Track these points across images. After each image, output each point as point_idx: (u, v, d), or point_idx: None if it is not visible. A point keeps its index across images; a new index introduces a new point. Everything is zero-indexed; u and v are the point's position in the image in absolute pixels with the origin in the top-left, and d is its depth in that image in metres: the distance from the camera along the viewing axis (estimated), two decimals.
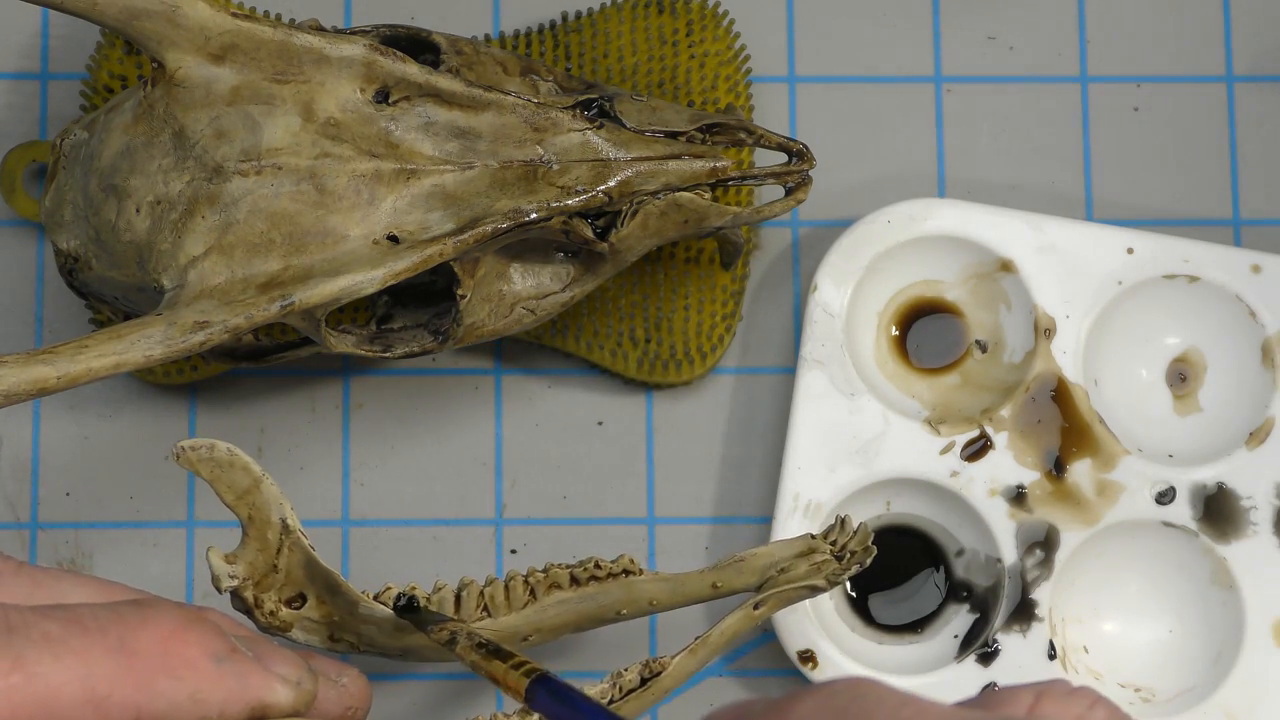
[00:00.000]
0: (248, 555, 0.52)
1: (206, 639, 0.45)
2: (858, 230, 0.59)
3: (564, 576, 0.53)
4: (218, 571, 0.51)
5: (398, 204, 0.53)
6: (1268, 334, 0.60)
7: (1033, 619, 0.58)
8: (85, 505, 0.60)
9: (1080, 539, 0.59)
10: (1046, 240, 0.59)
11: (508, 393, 0.61)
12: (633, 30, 0.61)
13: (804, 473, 0.59)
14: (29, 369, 0.49)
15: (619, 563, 0.53)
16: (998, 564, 0.58)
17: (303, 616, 0.53)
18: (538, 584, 0.53)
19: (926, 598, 0.60)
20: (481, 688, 0.59)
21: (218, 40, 0.53)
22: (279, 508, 0.51)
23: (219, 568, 0.51)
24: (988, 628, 0.58)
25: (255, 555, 0.52)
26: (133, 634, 0.44)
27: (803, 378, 0.59)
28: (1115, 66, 0.63)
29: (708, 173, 0.54)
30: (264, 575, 0.52)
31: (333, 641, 0.53)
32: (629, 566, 0.53)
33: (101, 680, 0.43)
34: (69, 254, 0.55)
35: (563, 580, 0.53)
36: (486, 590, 0.53)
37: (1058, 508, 0.59)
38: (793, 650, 0.58)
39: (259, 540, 0.52)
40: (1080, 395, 0.59)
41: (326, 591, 0.52)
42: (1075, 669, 0.58)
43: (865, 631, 0.59)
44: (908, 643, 0.59)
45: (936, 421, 0.59)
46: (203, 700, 0.44)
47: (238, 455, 0.51)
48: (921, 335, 0.61)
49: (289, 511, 0.52)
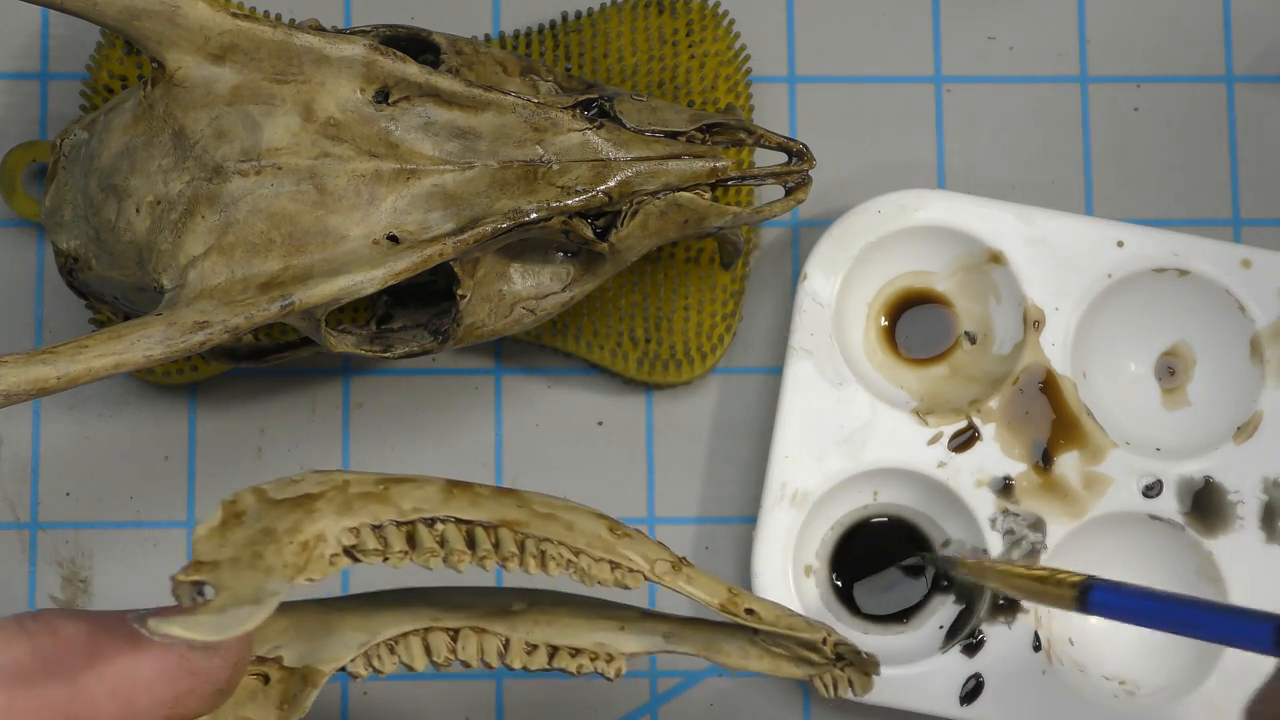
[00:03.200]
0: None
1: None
2: (848, 220, 0.60)
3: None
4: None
5: (398, 204, 0.53)
6: (1257, 329, 0.60)
7: (1018, 611, 0.58)
8: (85, 505, 0.60)
9: (1067, 531, 0.59)
10: (1036, 232, 0.60)
11: (508, 393, 0.61)
12: (633, 30, 0.61)
13: (791, 462, 0.59)
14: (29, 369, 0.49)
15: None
16: (984, 555, 0.59)
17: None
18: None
19: (912, 588, 0.60)
20: (481, 688, 0.59)
21: (218, 40, 0.53)
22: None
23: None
24: (973, 619, 0.58)
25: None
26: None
27: (791, 367, 0.59)
28: (1115, 66, 0.63)
29: (708, 173, 0.54)
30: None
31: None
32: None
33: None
34: (69, 254, 0.55)
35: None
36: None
37: (1045, 499, 0.59)
38: None
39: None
40: (1069, 387, 0.59)
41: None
42: (1060, 661, 0.58)
43: (851, 621, 0.59)
44: (893, 633, 0.59)
45: (924, 412, 0.59)
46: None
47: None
48: (911, 326, 0.61)
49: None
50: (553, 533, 0.49)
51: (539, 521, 0.49)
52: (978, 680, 0.58)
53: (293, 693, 0.49)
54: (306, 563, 0.46)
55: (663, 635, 0.51)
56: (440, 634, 0.50)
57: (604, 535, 0.49)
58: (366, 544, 0.47)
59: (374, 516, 0.47)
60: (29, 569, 0.60)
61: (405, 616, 0.50)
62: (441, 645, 0.50)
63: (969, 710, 0.58)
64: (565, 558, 0.49)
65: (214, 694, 0.45)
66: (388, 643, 0.50)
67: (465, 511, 0.48)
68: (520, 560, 0.49)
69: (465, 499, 0.49)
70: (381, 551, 0.47)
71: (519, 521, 0.49)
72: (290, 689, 0.49)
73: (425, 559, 0.48)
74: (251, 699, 0.49)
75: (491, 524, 0.48)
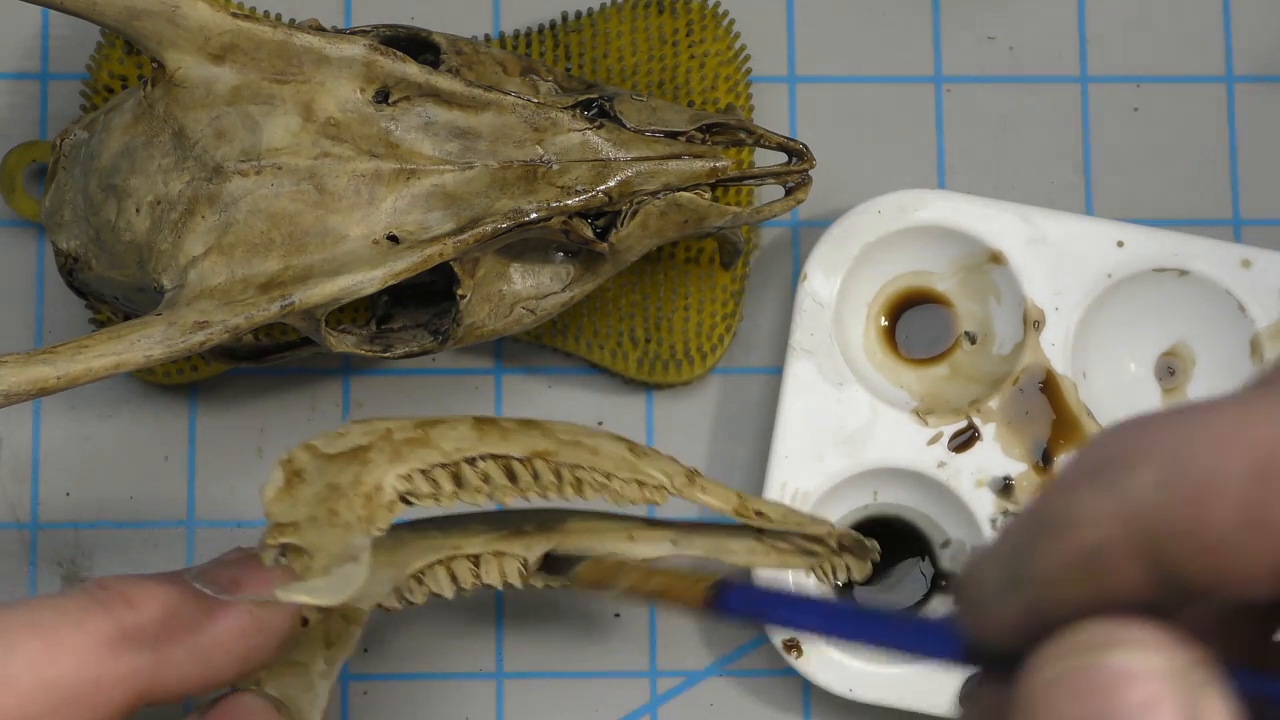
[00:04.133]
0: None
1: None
2: (848, 220, 0.60)
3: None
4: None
5: (398, 204, 0.53)
6: (1257, 329, 0.60)
7: None
8: (85, 505, 0.60)
9: None
10: (1037, 232, 0.60)
11: (508, 393, 0.61)
12: (633, 30, 0.61)
13: (791, 462, 0.59)
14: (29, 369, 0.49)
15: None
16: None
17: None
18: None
19: (912, 588, 0.60)
20: (481, 687, 0.59)
21: (218, 40, 0.53)
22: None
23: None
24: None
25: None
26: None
27: (791, 367, 0.59)
28: (1115, 66, 0.63)
29: (708, 173, 0.54)
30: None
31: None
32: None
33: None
34: (69, 254, 0.55)
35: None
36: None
37: None
38: (778, 639, 0.58)
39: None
40: (1069, 387, 0.59)
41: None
42: None
43: None
44: None
45: (924, 412, 0.59)
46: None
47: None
48: (911, 326, 0.61)
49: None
50: (582, 459, 0.51)
51: (567, 450, 0.51)
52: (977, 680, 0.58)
53: (336, 632, 0.51)
54: (372, 514, 0.48)
55: (670, 541, 0.53)
56: (463, 561, 0.52)
57: (627, 456, 0.51)
58: (420, 489, 0.49)
59: (422, 461, 0.49)
60: (29, 569, 0.60)
61: (427, 549, 0.52)
62: (466, 572, 0.52)
63: None
64: (599, 482, 0.51)
65: (278, 645, 0.48)
66: (415, 575, 0.51)
67: (498, 447, 0.50)
68: (559, 489, 0.51)
69: (495, 434, 0.50)
70: (434, 494, 0.49)
71: (549, 451, 0.50)
72: (332, 629, 0.51)
73: (473, 497, 0.50)
74: (295, 643, 0.50)
75: (525, 457, 0.50)
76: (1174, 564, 0.34)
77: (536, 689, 0.60)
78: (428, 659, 0.60)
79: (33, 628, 0.45)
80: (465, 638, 0.60)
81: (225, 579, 0.47)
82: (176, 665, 0.46)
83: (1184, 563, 0.34)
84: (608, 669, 0.60)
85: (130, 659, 0.46)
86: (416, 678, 0.59)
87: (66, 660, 0.45)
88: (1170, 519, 0.34)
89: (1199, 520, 0.34)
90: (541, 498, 0.50)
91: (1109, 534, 0.34)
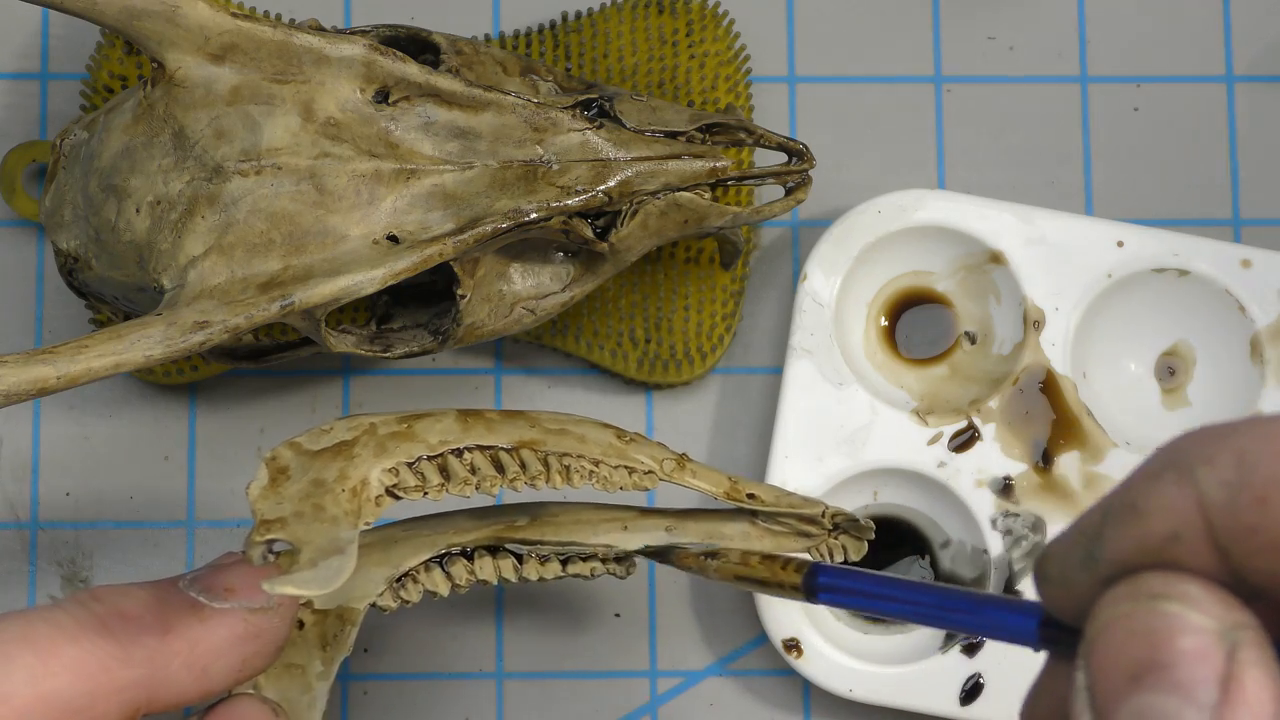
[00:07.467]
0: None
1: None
2: (848, 220, 0.60)
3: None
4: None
5: (398, 204, 0.53)
6: (1257, 329, 0.60)
7: None
8: (85, 505, 0.60)
9: None
10: (1036, 232, 0.60)
11: (508, 393, 0.61)
12: (633, 30, 0.61)
13: (791, 462, 0.59)
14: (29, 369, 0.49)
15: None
16: (984, 555, 0.59)
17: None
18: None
19: None
20: (481, 688, 0.59)
21: (218, 40, 0.53)
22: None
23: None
24: None
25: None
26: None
27: (791, 367, 0.59)
28: (1115, 66, 0.63)
29: (708, 173, 0.54)
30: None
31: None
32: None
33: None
34: (69, 254, 0.55)
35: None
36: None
37: (1045, 500, 0.59)
38: (778, 639, 0.58)
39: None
40: (1068, 387, 0.59)
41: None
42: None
43: (850, 621, 0.59)
44: (892, 633, 0.59)
45: (924, 412, 0.59)
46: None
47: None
48: (911, 326, 0.61)
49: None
50: (569, 447, 0.51)
51: (554, 438, 0.51)
52: (977, 680, 0.58)
53: (332, 633, 0.51)
54: (359, 508, 0.48)
55: (665, 529, 0.53)
56: (457, 559, 0.52)
57: (614, 442, 0.51)
58: (407, 482, 0.49)
59: (407, 454, 0.49)
60: (29, 569, 0.60)
61: (421, 547, 0.52)
62: (460, 569, 0.52)
63: (969, 710, 0.58)
64: (587, 469, 0.51)
65: (274, 650, 0.48)
66: (410, 573, 0.52)
67: (484, 438, 0.50)
68: (547, 478, 0.50)
69: (480, 426, 0.50)
70: (420, 487, 0.49)
71: (536, 441, 0.50)
72: (327, 630, 0.51)
73: (461, 489, 0.49)
74: (291, 645, 0.50)
75: (511, 447, 0.50)
76: (1240, 560, 0.36)
77: (536, 689, 0.60)
78: (428, 659, 0.60)
79: (27, 642, 0.44)
80: (465, 638, 0.60)
81: (219, 584, 0.47)
82: (173, 676, 0.46)
83: (1248, 559, 0.36)
84: (608, 669, 0.60)
85: (126, 672, 0.45)
86: (416, 678, 0.59)
87: (62, 675, 0.44)
88: (1237, 516, 0.36)
89: (1263, 519, 0.35)
90: (530, 487, 0.50)
91: (1185, 523, 0.36)
